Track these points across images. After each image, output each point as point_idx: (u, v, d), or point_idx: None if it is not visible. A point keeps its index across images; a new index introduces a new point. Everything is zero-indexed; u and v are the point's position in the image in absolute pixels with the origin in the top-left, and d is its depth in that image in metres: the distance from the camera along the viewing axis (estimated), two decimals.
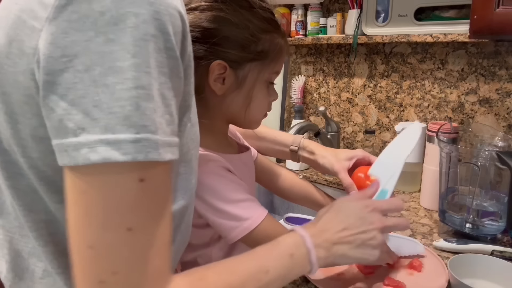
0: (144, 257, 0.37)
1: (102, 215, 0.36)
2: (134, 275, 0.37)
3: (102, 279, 0.36)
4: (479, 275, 0.74)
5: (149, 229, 0.38)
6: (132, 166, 0.35)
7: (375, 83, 1.37)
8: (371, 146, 1.34)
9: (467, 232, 0.89)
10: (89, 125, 0.34)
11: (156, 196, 0.38)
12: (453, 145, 0.94)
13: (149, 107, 0.35)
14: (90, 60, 0.34)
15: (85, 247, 0.36)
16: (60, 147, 0.35)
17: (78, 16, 0.34)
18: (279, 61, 0.66)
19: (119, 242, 0.36)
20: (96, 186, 0.35)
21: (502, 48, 1.13)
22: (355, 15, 1.29)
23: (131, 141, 0.34)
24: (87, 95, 0.34)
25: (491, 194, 0.90)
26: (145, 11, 0.35)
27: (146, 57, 0.35)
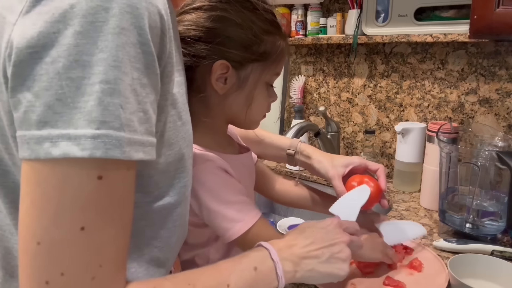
0: (96, 260, 0.36)
1: (55, 210, 0.34)
2: (83, 279, 0.35)
3: (48, 279, 0.34)
4: (479, 275, 0.74)
5: (104, 231, 0.36)
6: (92, 163, 0.34)
7: (375, 83, 1.37)
8: (371, 146, 1.34)
9: (467, 232, 0.89)
10: (52, 119, 0.33)
11: (114, 196, 0.36)
12: (453, 145, 0.94)
13: (113, 102, 0.34)
14: (57, 52, 0.33)
15: (33, 242, 0.34)
16: (22, 139, 0.34)
17: (48, 8, 0.34)
18: (280, 63, 0.66)
19: (70, 240, 0.34)
20: (52, 180, 0.34)
21: (502, 48, 1.13)
22: (355, 15, 1.29)
23: (90, 136, 0.33)
24: (51, 88, 0.33)
25: (491, 194, 0.90)
26: (116, 5, 0.34)
27: (115, 51, 0.34)
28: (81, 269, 0.35)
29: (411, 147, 1.19)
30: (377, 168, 0.79)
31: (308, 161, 0.83)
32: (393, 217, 1.06)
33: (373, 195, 0.73)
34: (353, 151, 1.48)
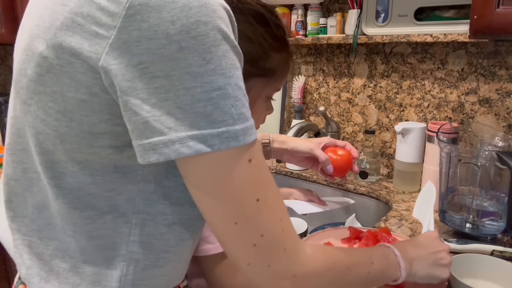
0: (276, 216, 0.45)
1: (234, 195, 0.42)
2: (276, 233, 0.44)
3: (254, 243, 0.43)
4: (479, 275, 0.74)
5: (269, 195, 0.44)
6: (243, 150, 0.41)
7: (375, 83, 1.37)
8: (371, 146, 1.34)
9: (467, 232, 0.89)
10: (175, 124, 0.38)
11: (263, 169, 0.44)
12: (453, 145, 0.94)
13: (226, 104, 0.39)
14: (168, 66, 0.37)
15: (232, 224, 0.42)
16: (146, 146, 0.39)
17: (148, 25, 0.37)
18: (283, 79, 0.67)
19: (255, 212, 0.43)
20: (220, 176, 0.41)
21: (502, 48, 1.13)
22: (355, 15, 1.29)
23: (215, 134, 0.39)
24: (170, 98, 0.37)
25: (491, 194, 0.90)
26: (212, 19, 0.38)
27: (218, 61, 0.39)
28: (272, 226, 0.44)
29: (411, 147, 1.19)
30: (344, 143, 0.90)
31: (284, 146, 0.90)
32: (393, 217, 1.06)
33: (346, 162, 0.86)
34: None
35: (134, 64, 0.37)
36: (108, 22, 0.37)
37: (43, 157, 0.45)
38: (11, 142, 0.49)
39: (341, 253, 0.55)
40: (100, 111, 0.41)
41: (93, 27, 0.38)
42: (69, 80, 0.40)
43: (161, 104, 0.37)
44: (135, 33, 0.37)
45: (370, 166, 1.33)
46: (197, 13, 0.37)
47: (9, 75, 1.97)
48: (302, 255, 0.47)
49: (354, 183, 1.32)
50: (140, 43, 0.37)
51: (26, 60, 0.44)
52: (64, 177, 0.45)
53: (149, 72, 0.37)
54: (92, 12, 0.38)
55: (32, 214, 0.49)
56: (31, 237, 0.49)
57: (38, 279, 0.49)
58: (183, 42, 0.37)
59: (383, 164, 1.40)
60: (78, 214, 0.46)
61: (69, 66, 0.40)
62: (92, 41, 0.38)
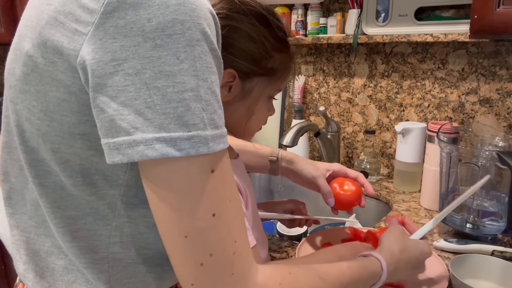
0: (231, 237, 0.41)
1: (188, 206, 0.39)
2: (227, 255, 0.41)
3: (201, 262, 0.40)
4: (479, 275, 0.74)
5: (228, 212, 0.41)
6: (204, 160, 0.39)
7: (375, 83, 1.37)
8: (371, 146, 1.34)
9: (468, 232, 0.89)
10: (143, 125, 0.36)
11: (227, 182, 0.42)
12: (454, 145, 0.94)
13: (197, 107, 0.38)
14: (140, 64, 0.36)
15: (181, 237, 0.40)
16: (111, 146, 0.38)
17: (125, 22, 0.36)
18: (285, 80, 0.68)
19: (208, 227, 0.40)
20: (179, 183, 0.38)
21: (502, 48, 1.13)
22: (355, 14, 1.29)
23: (185, 138, 0.37)
24: (139, 97, 0.36)
25: (492, 194, 0.90)
26: (189, 18, 0.37)
27: (193, 61, 0.37)
28: (223, 247, 0.41)
29: (412, 147, 1.19)
30: (356, 175, 0.85)
31: (290, 166, 0.87)
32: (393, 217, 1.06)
33: (352, 198, 0.80)
34: (353, 151, 1.48)
35: (107, 60, 0.36)
36: (86, 19, 0.37)
37: (28, 155, 0.45)
38: (7, 140, 0.49)
39: (308, 277, 0.49)
40: (79, 111, 0.40)
41: (73, 25, 0.38)
42: (51, 79, 0.40)
43: (130, 102, 0.36)
44: (111, 30, 0.36)
45: (370, 166, 1.33)
46: (174, 11, 0.36)
47: None
48: (251, 283, 0.43)
49: None
50: (115, 40, 0.36)
51: (15, 60, 0.44)
52: (47, 176, 0.45)
53: (121, 70, 0.36)
54: (74, 9, 0.38)
55: (30, 211, 0.49)
56: (29, 234, 0.50)
57: (33, 275, 0.50)
58: (158, 39, 0.36)
59: (383, 164, 1.40)
60: (61, 213, 0.46)
61: (51, 65, 0.40)
62: (71, 38, 0.38)
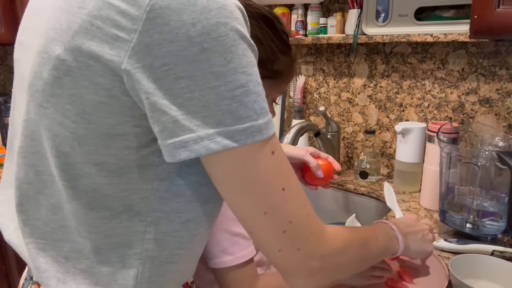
0: (300, 202, 0.47)
1: (261, 187, 0.43)
2: (303, 218, 0.47)
3: (284, 230, 0.45)
4: (479, 275, 0.74)
5: (291, 183, 0.46)
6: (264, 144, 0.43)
7: (375, 83, 1.37)
8: (371, 146, 1.34)
9: (468, 232, 0.89)
10: (202, 122, 0.39)
11: (284, 160, 0.46)
12: (454, 145, 0.94)
13: (249, 100, 0.41)
14: (191, 68, 0.38)
15: (261, 214, 0.44)
16: (176, 144, 0.40)
17: (169, 28, 0.38)
18: (288, 83, 0.71)
19: (282, 201, 0.45)
20: (246, 169, 0.42)
21: (502, 48, 1.13)
22: (355, 15, 1.29)
23: (241, 130, 0.40)
24: (194, 98, 0.39)
25: (492, 194, 0.90)
26: (230, 20, 0.40)
27: (239, 59, 0.40)
28: (298, 212, 0.46)
29: (412, 147, 1.19)
30: (327, 156, 0.93)
31: None
32: (393, 217, 1.06)
33: (328, 172, 0.90)
34: (353, 151, 1.48)
35: (158, 66, 0.38)
36: (128, 26, 0.38)
37: (59, 159, 0.45)
38: (23, 145, 0.49)
39: (353, 230, 0.59)
40: (119, 113, 0.41)
41: (113, 30, 0.39)
42: (88, 82, 0.41)
43: (187, 103, 0.39)
44: (156, 36, 0.38)
45: (370, 166, 1.33)
46: (216, 15, 0.39)
47: (9, 75, 1.97)
48: (326, 235, 0.49)
49: (354, 183, 1.32)
50: (162, 46, 0.38)
51: (42, 63, 0.43)
52: (80, 179, 0.45)
53: (172, 74, 0.38)
54: (112, 15, 0.39)
55: (45, 216, 0.49)
56: (45, 240, 0.50)
57: (55, 282, 0.50)
58: (205, 43, 0.38)
59: (383, 164, 1.40)
60: (94, 214, 0.46)
61: (87, 69, 0.40)
62: (113, 45, 0.39)
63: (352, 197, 1.30)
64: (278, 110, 1.54)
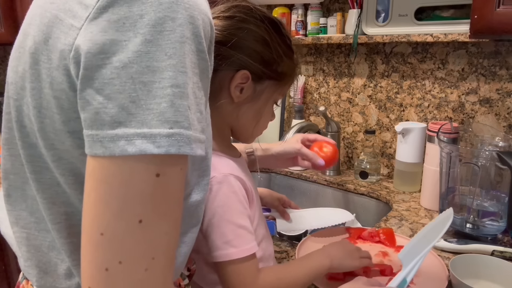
0: (149, 252, 0.38)
1: (118, 205, 0.37)
2: (137, 269, 0.38)
3: (107, 267, 0.37)
4: (479, 275, 0.74)
5: (158, 225, 0.39)
6: (153, 160, 0.37)
7: (375, 83, 1.37)
8: (371, 146, 1.34)
9: (468, 232, 0.89)
10: (126, 119, 0.36)
11: (169, 192, 0.39)
12: (454, 145, 0.94)
13: (183, 104, 0.37)
14: (128, 58, 0.36)
15: (97, 233, 0.37)
16: (94, 138, 0.37)
17: (117, 17, 0.36)
18: (290, 85, 0.73)
19: (129, 232, 0.37)
20: (118, 177, 0.37)
21: (502, 48, 1.12)
22: (355, 14, 1.29)
23: (165, 135, 0.36)
24: (124, 91, 0.36)
25: (492, 194, 0.90)
26: (181, 16, 0.37)
27: (182, 58, 0.37)
28: (137, 259, 0.38)
29: (412, 147, 1.19)
30: (314, 136, 0.95)
31: (267, 153, 0.93)
32: (393, 217, 1.06)
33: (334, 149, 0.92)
34: (353, 151, 1.48)
35: (95, 53, 0.36)
36: (82, 14, 0.38)
37: (26, 151, 0.46)
38: (8, 137, 0.49)
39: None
40: (69, 108, 0.40)
41: (70, 20, 0.38)
42: (46, 76, 0.40)
43: (114, 96, 0.36)
44: (103, 24, 0.36)
45: (370, 166, 1.33)
46: (166, 9, 0.37)
47: None
48: None
49: (354, 183, 1.32)
50: (106, 33, 0.36)
51: (18, 58, 0.44)
52: (44, 172, 0.45)
53: (108, 63, 0.36)
54: (72, 6, 0.39)
55: (31, 206, 0.49)
56: (29, 230, 0.50)
57: (37, 271, 0.50)
58: (148, 35, 0.36)
59: (383, 164, 1.40)
60: (57, 209, 0.46)
61: (48, 62, 0.40)
62: (67, 34, 0.38)
63: (352, 197, 1.30)
64: (278, 110, 1.54)
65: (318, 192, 1.39)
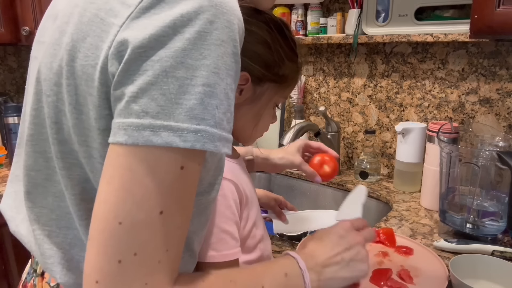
0: (165, 244, 0.39)
1: (141, 194, 0.37)
2: (151, 261, 0.38)
3: (121, 258, 0.37)
4: (479, 275, 0.74)
5: (176, 217, 0.39)
6: (179, 154, 0.38)
7: (375, 83, 1.37)
8: (371, 146, 1.34)
9: (468, 232, 0.89)
10: (154, 110, 0.37)
11: (189, 186, 0.40)
12: (454, 145, 0.94)
13: (212, 103, 0.38)
14: (164, 53, 0.37)
15: (115, 222, 0.37)
16: (119, 125, 0.37)
17: (159, 16, 0.38)
18: (291, 89, 0.72)
19: (149, 223, 0.37)
20: (144, 166, 0.37)
21: (502, 48, 1.12)
22: (355, 14, 1.29)
23: (192, 130, 0.37)
24: (156, 83, 0.37)
25: (492, 194, 0.90)
26: (218, 20, 0.39)
27: (216, 59, 0.38)
28: (152, 251, 0.38)
29: (412, 147, 1.19)
30: (317, 145, 0.92)
31: (267, 162, 0.92)
32: (393, 217, 1.06)
33: (335, 166, 0.89)
34: (353, 151, 1.48)
35: (135, 47, 0.37)
36: (124, 13, 0.39)
37: (57, 147, 0.46)
38: (33, 133, 0.50)
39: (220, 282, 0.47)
40: (100, 105, 0.41)
41: (111, 19, 0.39)
42: (82, 73, 0.41)
43: (146, 87, 0.37)
44: (144, 22, 0.38)
45: (371, 166, 1.33)
46: (206, 11, 0.38)
47: (9, 75, 1.97)
48: None
49: (354, 183, 1.32)
50: (146, 29, 0.37)
51: (53, 54, 0.45)
52: (74, 168, 0.46)
53: (145, 56, 0.37)
54: (114, 6, 0.40)
55: (52, 203, 0.50)
56: (50, 227, 0.50)
57: (60, 268, 0.51)
58: (187, 34, 0.37)
59: (384, 164, 1.40)
60: (85, 206, 0.47)
61: (85, 59, 0.41)
62: (107, 32, 0.39)
63: None
64: (278, 110, 1.54)
65: (318, 192, 1.39)
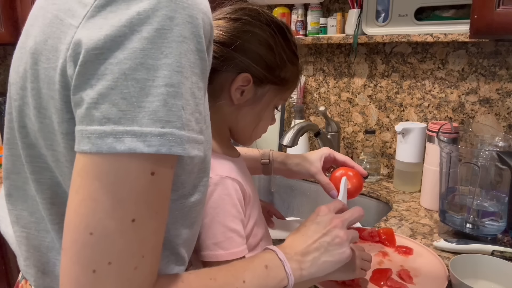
0: (140, 251, 0.38)
1: (111, 203, 0.36)
2: (127, 269, 0.37)
3: (95, 268, 0.36)
4: (479, 275, 0.74)
5: (149, 223, 0.38)
6: (148, 159, 0.36)
7: (375, 83, 1.37)
8: (371, 146, 1.34)
9: (468, 232, 0.89)
10: (115, 116, 0.35)
11: (161, 191, 0.39)
12: (454, 145, 0.94)
13: (176, 104, 0.36)
14: (122, 55, 0.35)
15: (86, 233, 0.36)
16: (82, 133, 0.36)
17: (115, 14, 0.36)
18: (291, 91, 0.72)
19: (121, 232, 0.36)
20: (112, 175, 0.36)
21: (502, 48, 1.12)
22: (355, 14, 1.29)
23: (156, 134, 0.35)
24: (116, 87, 0.35)
25: (492, 194, 0.90)
26: (179, 15, 0.37)
27: (178, 57, 0.37)
28: (127, 259, 0.37)
29: (412, 147, 1.19)
30: (344, 159, 0.88)
31: (284, 167, 0.90)
32: (393, 217, 1.06)
33: (358, 182, 0.83)
34: (353, 151, 1.48)
35: (90, 48, 0.35)
36: (80, 13, 0.37)
37: (26, 151, 0.46)
38: (9, 137, 0.49)
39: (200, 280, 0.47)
40: (62, 109, 0.39)
41: (69, 20, 0.38)
42: (44, 76, 0.40)
43: (106, 92, 0.35)
44: (100, 21, 0.36)
45: (370, 166, 1.33)
46: (164, 7, 0.36)
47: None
48: None
49: None
50: (101, 29, 0.36)
51: (20, 58, 0.45)
52: (44, 172, 0.45)
53: (102, 58, 0.35)
54: (72, 5, 0.39)
55: (31, 206, 0.49)
56: (29, 229, 0.50)
57: (35, 270, 0.50)
58: (145, 32, 0.35)
59: (383, 164, 1.40)
60: (56, 210, 0.46)
61: (47, 62, 0.40)
62: (65, 33, 0.38)
63: None
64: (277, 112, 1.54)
65: (318, 192, 1.39)
